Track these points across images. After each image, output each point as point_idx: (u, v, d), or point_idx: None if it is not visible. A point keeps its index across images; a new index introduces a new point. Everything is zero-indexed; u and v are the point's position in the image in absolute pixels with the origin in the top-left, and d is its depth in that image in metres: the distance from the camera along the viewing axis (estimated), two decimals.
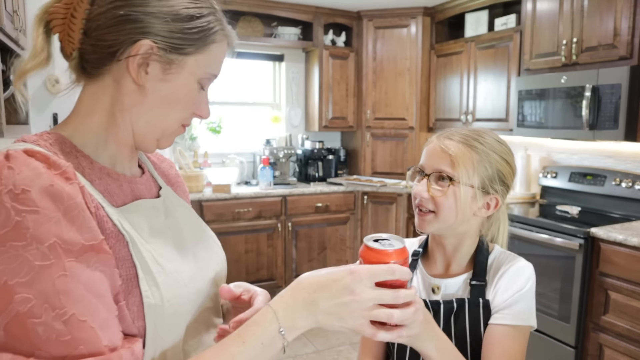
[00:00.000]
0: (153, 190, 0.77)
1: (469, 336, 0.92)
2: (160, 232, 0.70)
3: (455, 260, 0.99)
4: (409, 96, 4.11)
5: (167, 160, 0.90)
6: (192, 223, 0.80)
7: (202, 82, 0.70)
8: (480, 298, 0.93)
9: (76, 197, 0.55)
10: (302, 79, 4.45)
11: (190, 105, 0.70)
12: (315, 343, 3.16)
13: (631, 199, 2.75)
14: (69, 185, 0.55)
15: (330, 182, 4.17)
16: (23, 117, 2.52)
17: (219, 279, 0.79)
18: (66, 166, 0.57)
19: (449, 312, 0.93)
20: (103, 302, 0.55)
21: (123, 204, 0.67)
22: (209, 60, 0.69)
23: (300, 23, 4.14)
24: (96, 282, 0.55)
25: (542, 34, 2.96)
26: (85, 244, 0.54)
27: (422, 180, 0.96)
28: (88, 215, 0.56)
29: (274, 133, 4.34)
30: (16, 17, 2.13)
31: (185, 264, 0.70)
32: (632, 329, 2.24)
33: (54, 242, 0.52)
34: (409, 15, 4.04)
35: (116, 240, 0.61)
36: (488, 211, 0.96)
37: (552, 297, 2.60)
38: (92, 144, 0.67)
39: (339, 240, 4.06)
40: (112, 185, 0.67)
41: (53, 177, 0.54)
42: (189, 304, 0.68)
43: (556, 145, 3.31)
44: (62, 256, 0.52)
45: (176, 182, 0.87)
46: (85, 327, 0.52)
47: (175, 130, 0.71)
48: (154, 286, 0.62)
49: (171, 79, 0.66)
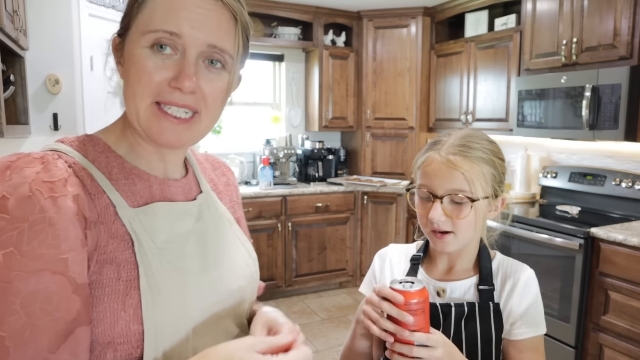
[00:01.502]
0: (192, 193, 0.75)
1: (480, 340, 0.92)
2: (181, 235, 0.68)
3: (459, 264, 0.98)
4: (409, 96, 4.11)
5: (223, 168, 0.88)
6: (225, 232, 0.77)
7: (155, 43, 0.61)
8: (490, 302, 0.93)
9: (48, 210, 0.54)
10: (302, 79, 4.45)
11: (144, 75, 0.62)
12: (315, 343, 3.16)
13: (631, 199, 2.75)
14: (50, 195, 0.55)
15: (330, 182, 4.17)
16: (23, 117, 2.53)
17: (245, 292, 0.76)
18: (59, 178, 0.57)
19: (460, 315, 0.92)
20: (34, 323, 0.52)
21: (145, 204, 0.66)
22: (149, 18, 0.62)
23: (300, 23, 4.14)
24: (33, 302, 0.52)
25: (542, 34, 2.96)
26: (37, 261, 0.53)
27: (435, 204, 0.89)
28: (59, 229, 0.54)
29: (274, 133, 4.34)
30: (16, 17, 2.13)
31: (200, 270, 0.68)
32: (632, 329, 2.24)
33: (10, 250, 0.52)
34: (409, 15, 4.04)
35: (120, 241, 0.61)
36: (496, 212, 0.97)
37: (552, 297, 2.59)
38: (123, 145, 0.68)
39: (339, 240, 4.06)
40: (138, 186, 0.66)
41: (36, 188, 0.54)
42: (195, 311, 0.65)
43: (556, 145, 3.31)
44: (12, 266, 0.52)
45: (224, 190, 0.84)
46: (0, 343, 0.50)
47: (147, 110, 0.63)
48: (155, 289, 0.61)
49: (124, 57, 0.65)
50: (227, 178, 0.86)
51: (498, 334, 0.92)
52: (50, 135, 2.67)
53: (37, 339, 0.52)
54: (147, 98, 0.62)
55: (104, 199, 0.61)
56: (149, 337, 0.60)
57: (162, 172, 0.71)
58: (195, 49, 0.62)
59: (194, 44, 0.62)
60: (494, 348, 0.92)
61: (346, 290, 4.08)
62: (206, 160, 0.85)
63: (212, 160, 0.87)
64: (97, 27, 2.84)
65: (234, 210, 0.84)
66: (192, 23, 0.61)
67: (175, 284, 0.64)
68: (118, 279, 0.59)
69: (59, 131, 2.68)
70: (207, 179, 0.81)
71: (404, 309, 0.78)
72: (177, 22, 0.60)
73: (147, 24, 0.61)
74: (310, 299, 3.91)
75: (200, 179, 0.78)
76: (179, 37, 0.61)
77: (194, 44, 0.62)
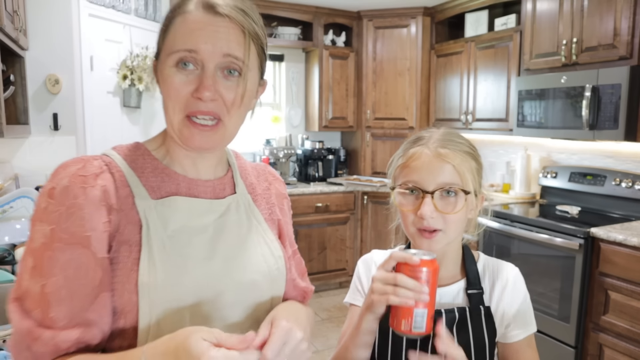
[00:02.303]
0: (224, 192, 0.84)
1: (473, 345, 0.90)
2: (196, 228, 0.77)
3: (444, 267, 0.93)
4: (409, 96, 4.11)
5: (268, 175, 0.94)
6: (249, 230, 0.83)
7: (179, 61, 0.72)
8: (480, 306, 0.92)
9: (79, 197, 0.69)
10: (302, 79, 4.45)
11: (173, 92, 0.73)
12: (316, 343, 3.16)
13: (631, 199, 2.75)
14: (81, 187, 0.70)
15: (330, 182, 4.17)
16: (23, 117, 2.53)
17: (260, 287, 0.81)
18: (91, 173, 0.72)
19: (451, 322, 0.90)
20: (69, 284, 0.67)
21: (166, 197, 0.77)
22: (173, 40, 0.73)
23: (300, 23, 4.15)
24: (69, 267, 0.68)
25: (542, 34, 2.96)
26: (70, 237, 0.68)
27: (426, 200, 0.85)
28: (86, 213, 0.69)
29: (274, 133, 4.34)
30: (16, 17, 2.13)
31: (204, 259, 0.76)
32: (632, 329, 2.24)
33: (53, 227, 0.68)
34: (409, 15, 4.04)
35: (135, 226, 0.73)
36: (476, 210, 0.94)
37: (552, 297, 2.60)
38: (162, 150, 0.81)
39: (339, 240, 4.06)
40: (166, 183, 0.78)
41: (73, 181, 0.70)
42: (192, 295, 0.73)
43: (556, 145, 3.31)
44: (54, 239, 0.68)
45: (262, 193, 0.90)
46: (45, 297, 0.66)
47: (181, 122, 0.74)
48: (153, 268, 0.71)
49: (159, 77, 0.76)
50: (268, 183, 0.93)
51: (491, 337, 0.91)
52: (50, 135, 2.67)
53: (71, 297, 0.67)
54: (180, 112, 0.73)
55: (127, 191, 0.74)
56: (143, 309, 0.70)
57: (194, 174, 0.81)
58: (212, 62, 0.72)
59: (210, 57, 0.71)
60: (488, 352, 0.91)
61: (346, 290, 4.05)
62: (253, 168, 0.94)
63: (259, 168, 0.95)
64: (97, 27, 2.84)
65: (271, 212, 0.90)
66: (205, 39, 0.71)
67: (174, 267, 0.73)
68: (128, 257, 0.71)
69: (58, 131, 2.68)
70: (246, 183, 0.89)
71: (418, 276, 0.76)
72: (194, 40, 0.71)
73: (171, 46, 0.73)
74: (310, 299, 3.91)
75: (237, 182, 0.87)
76: (197, 52, 0.71)
77: (210, 57, 0.71)
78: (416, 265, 0.77)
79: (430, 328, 0.78)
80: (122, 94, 3.05)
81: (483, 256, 1.00)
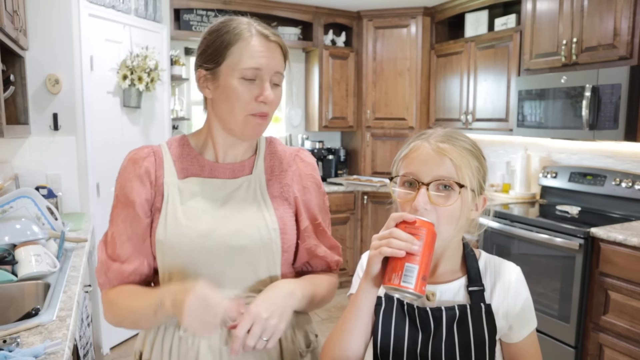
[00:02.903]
0: (243, 172, 1.05)
1: (473, 342, 0.90)
2: (206, 201, 1.00)
3: (443, 264, 0.95)
4: (409, 96, 4.11)
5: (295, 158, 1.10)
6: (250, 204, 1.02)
7: (245, 76, 0.95)
8: (481, 303, 0.92)
9: (130, 173, 1.01)
10: (302, 79, 4.45)
11: (241, 98, 0.95)
12: None
13: (631, 199, 2.75)
14: (133, 167, 1.01)
15: (330, 182, 4.17)
16: (23, 117, 2.53)
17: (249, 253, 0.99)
18: (141, 156, 1.02)
19: (451, 319, 0.90)
20: (127, 231, 1.00)
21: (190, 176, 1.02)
22: (237, 60, 0.95)
23: (300, 23, 4.15)
24: (126, 220, 1.00)
25: (542, 34, 2.96)
26: (125, 200, 1.00)
27: (421, 190, 0.86)
28: (134, 184, 1.00)
29: (274, 133, 4.34)
30: (16, 17, 2.13)
31: (207, 223, 0.98)
32: (632, 329, 2.24)
33: (119, 191, 1.01)
34: (409, 15, 4.04)
35: (161, 197, 1.00)
36: (477, 212, 0.93)
37: (552, 297, 2.60)
38: (199, 142, 1.07)
39: (339, 240, 4.04)
40: (194, 166, 1.04)
41: (128, 162, 1.02)
42: (186, 248, 0.97)
43: (556, 145, 3.31)
44: (119, 199, 1.01)
45: (279, 175, 1.07)
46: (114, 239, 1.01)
47: (244, 119, 0.97)
48: (163, 228, 0.98)
49: (219, 85, 0.97)
50: (288, 166, 1.09)
51: (491, 335, 0.91)
52: (50, 135, 2.67)
53: (129, 240, 1.00)
54: (242, 112, 0.97)
55: (161, 172, 1.02)
56: (159, 257, 0.99)
57: (222, 158, 1.05)
58: (269, 75, 0.97)
59: (268, 72, 0.97)
60: (487, 350, 0.91)
61: (346, 290, 4.06)
62: (283, 152, 1.12)
63: (289, 152, 1.12)
64: (97, 27, 2.84)
65: (283, 191, 1.06)
66: (266, 60, 0.96)
67: (181, 227, 0.97)
68: (157, 219, 1.00)
69: (58, 131, 2.68)
70: (266, 165, 1.08)
71: (414, 233, 0.81)
72: (258, 60, 0.95)
73: (236, 63, 0.95)
74: None
75: (257, 164, 1.07)
76: (260, 70, 0.96)
77: (268, 72, 0.96)
78: (412, 222, 0.81)
79: (420, 290, 0.79)
80: (122, 94, 3.04)
81: (484, 254, 1.00)
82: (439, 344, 0.90)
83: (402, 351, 0.92)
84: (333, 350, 0.92)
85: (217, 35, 0.97)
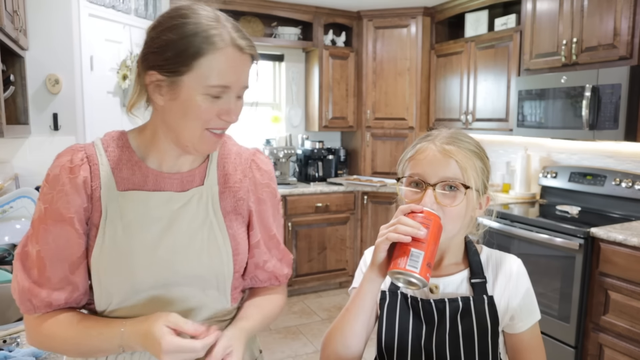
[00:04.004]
0: (192, 184, 0.93)
1: (476, 334, 0.92)
2: (150, 219, 0.88)
3: (447, 258, 0.97)
4: (409, 96, 4.11)
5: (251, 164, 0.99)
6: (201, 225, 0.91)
7: (210, 93, 0.83)
8: (484, 295, 0.93)
9: (66, 185, 0.85)
10: (302, 79, 4.45)
11: (203, 116, 0.84)
12: (316, 343, 3.16)
13: (631, 199, 2.75)
14: (68, 176, 0.86)
15: (330, 182, 4.17)
16: (23, 117, 2.53)
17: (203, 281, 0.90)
18: (76, 164, 0.87)
19: (455, 311, 0.92)
20: (60, 252, 0.85)
21: (132, 189, 0.89)
22: (205, 75, 0.82)
23: (300, 23, 4.15)
24: (59, 238, 0.85)
25: (542, 34, 2.96)
26: (59, 215, 0.85)
27: (427, 192, 0.88)
28: (71, 198, 0.85)
29: (274, 133, 4.34)
30: (16, 17, 2.13)
31: (152, 250, 0.87)
32: (632, 329, 2.24)
33: (47, 206, 0.85)
34: (409, 15, 4.04)
35: (98, 213, 0.87)
36: (480, 210, 0.96)
37: (552, 297, 2.60)
38: (141, 145, 0.92)
39: (339, 240, 4.06)
40: (136, 175, 0.90)
41: (61, 170, 0.86)
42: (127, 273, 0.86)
43: (556, 145, 3.31)
44: (48, 216, 0.85)
45: (233, 187, 0.96)
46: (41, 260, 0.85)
47: (201, 134, 0.86)
48: (100, 250, 0.86)
49: (177, 97, 0.83)
50: (244, 175, 0.98)
51: (494, 326, 0.92)
52: (50, 135, 2.67)
53: (61, 262, 0.85)
54: (201, 128, 0.85)
55: (97, 182, 0.87)
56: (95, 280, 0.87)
57: (168, 167, 0.92)
58: (236, 93, 0.86)
59: (235, 90, 0.86)
60: (490, 341, 0.92)
61: (346, 290, 4.07)
62: (237, 156, 0.99)
63: (244, 156, 1.00)
64: (97, 27, 2.84)
65: (237, 205, 0.96)
66: (236, 77, 0.85)
67: (121, 254, 0.86)
68: (94, 238, 0.87)
69: (58, 131, 2.68)
70: (219, 174, 0.96)
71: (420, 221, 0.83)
72: (228, 78, 0.84)
73: (204, 79, 0.82)
74: (310, 299, 3.91)
75: (209, 173, 0.95)
76: (229, 88, 0.84)
77: (236, 90, 0.86)
78: (419, 211, 0.84)
79: (425, 276, 0.80)
80: (122, 94, 3.05)
81: (486, 248, 1.02)
82: (443, 336, 0.91)
83: (407, 344, 0.93)
84: (334, 341, 0.93)
85: (181, 35, 0.81)
